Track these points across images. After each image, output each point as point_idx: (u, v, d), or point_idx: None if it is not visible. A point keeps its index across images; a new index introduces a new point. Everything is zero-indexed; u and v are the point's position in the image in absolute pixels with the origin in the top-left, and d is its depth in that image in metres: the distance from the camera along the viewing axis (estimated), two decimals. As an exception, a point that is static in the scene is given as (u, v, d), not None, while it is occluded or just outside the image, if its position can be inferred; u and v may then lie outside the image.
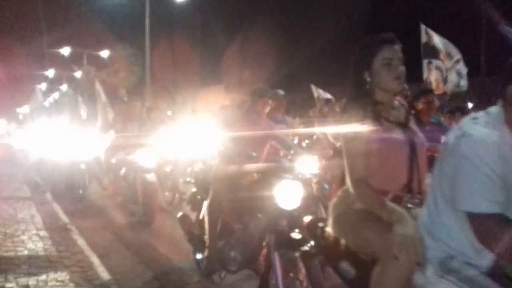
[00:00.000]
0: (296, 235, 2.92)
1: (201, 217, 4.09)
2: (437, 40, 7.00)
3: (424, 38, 6.87)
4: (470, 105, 11.63)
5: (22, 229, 5.65)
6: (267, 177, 3.29)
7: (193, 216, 4.36)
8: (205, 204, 3.96)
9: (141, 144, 6.29)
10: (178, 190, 7.28)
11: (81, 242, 5.14)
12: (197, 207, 4.23)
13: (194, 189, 4.45)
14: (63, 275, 4.07)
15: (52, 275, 4.06)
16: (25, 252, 4.79)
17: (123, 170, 6.49)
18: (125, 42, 32.36)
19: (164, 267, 4.61)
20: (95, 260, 4.51)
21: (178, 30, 27.59)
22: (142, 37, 20.20)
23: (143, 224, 6.00)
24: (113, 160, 6.81)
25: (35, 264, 4.37)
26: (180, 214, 4.49)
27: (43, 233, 5.50)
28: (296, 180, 3.16)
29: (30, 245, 5.03)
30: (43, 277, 4.01)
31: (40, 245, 5.04)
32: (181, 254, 4.64)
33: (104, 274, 4.12)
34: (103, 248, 4.97)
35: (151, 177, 6.09)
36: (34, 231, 5.56)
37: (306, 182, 3.69)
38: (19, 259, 4.54)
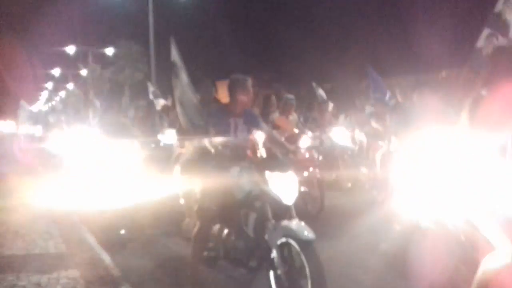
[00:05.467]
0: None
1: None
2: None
3: (499, 8, 6.45)
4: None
5: (33, 228, 5.68)
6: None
7: None
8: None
9: None
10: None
11: (91, 240, 5.16)
12: None
13: None
14: (74, 273, 4.09)
15: (63, 273, 4.08)
16: (36, 251, 4.83)
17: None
18: (130, 39, 32.44)
19: (176, 265, 4.62)
20: (106, 257, 4.52)
21: (183, 27, 27.55)
22: (147, 33, 20.19)
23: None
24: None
25: (47, 262, 4.39)
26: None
27: (54, 231, 5.53)
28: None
29: (41, 243, 5.06)
30: (55, 275, 4.04)
31: (51, 243, 5.07)
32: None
33: (115, 271, 4.14)
34: (114, 245, 4.98)
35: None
36: (45, 230, 5.60)
37: None
38: (31, 258, 4.57)
